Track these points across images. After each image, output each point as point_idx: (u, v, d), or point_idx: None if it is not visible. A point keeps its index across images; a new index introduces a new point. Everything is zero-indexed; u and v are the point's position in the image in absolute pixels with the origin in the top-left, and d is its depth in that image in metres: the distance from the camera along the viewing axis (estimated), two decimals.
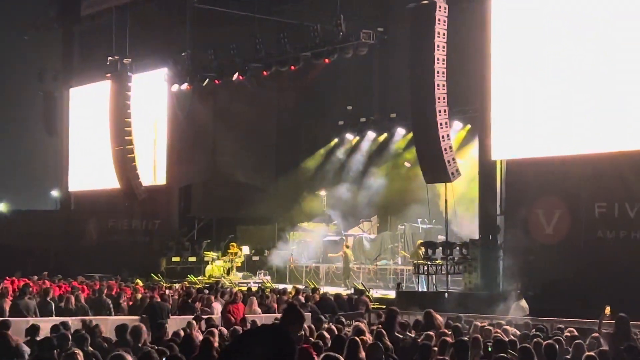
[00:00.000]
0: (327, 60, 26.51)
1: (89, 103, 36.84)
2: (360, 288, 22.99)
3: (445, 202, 22.67)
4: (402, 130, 30.06)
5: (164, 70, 32.08)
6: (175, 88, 31.89)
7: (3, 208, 41.68)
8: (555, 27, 20.90)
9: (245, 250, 30.37)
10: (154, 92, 33.36)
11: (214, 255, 30.56)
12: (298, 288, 22.00)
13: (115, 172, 33.38)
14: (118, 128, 33.03)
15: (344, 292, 22.82)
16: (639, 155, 19.46)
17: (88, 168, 36.94)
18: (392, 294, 23.17)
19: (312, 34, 26.23)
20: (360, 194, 30.26)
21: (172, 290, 22.06)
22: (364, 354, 9.10)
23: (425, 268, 22.40)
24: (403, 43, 24.51)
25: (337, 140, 33.09)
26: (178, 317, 16.57)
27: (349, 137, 32.66)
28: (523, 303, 18.56)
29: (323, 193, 30.98)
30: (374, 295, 22.96)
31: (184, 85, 31.43)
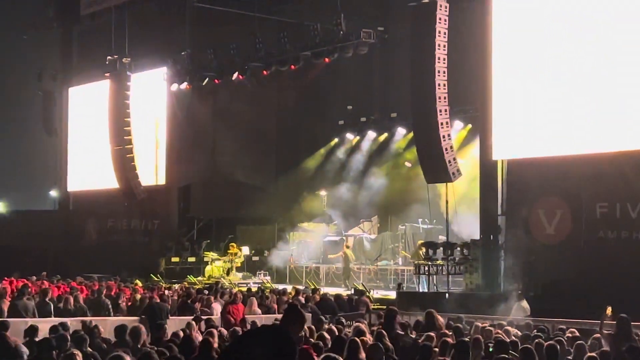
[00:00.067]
0: (327, 60, 26.49)
1: (88, 103, 36.75)
2: (361, 289, 22.91)
3: (446, 202, 22.59)
4: (402, 130, 30.00)
5: (164, 70, 32.07)
6: (175, 87, 31.83)
7: (1, 208, 41.59)
8: (556, 29, 20.86)
9: (245, 251, 30.26)
10: (154, 91, 33.28)
11: (214, 256, 30.45)
12: (298, 289, 21.92)
13: (115, 172, 33.29)
14: (117, 128, 32.93)
15: (344, 292, 22.76)
16: None
17: (87, 168, 36.86)
18: (392, 295, 23.11)
19: (312, 33, 26.20)
20: (361, 194, 30.17)
21: (171, 291, 21.98)
22: (364, 355, 9.05)
23: (426, 268, 22.35)
24: (404, 42, 24.48)
25: (337, 140, 33.02)
26: (177, 317, 16.57)
27: (350, 136, 32.59)
28: (524, 303, 18.51)
29: (323, 193, 30.89)
30: (375, 296, 22.90)
31: (184, 85, 31.37)
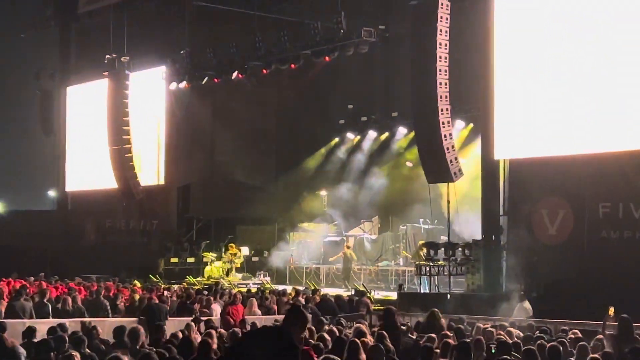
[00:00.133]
0: (327, 59, 26.36)
1: (87, 102, 36.64)
2: (361, 289, 22.78)
3: (448, 202, 22.45)
4: (403, 130, 29.90)
5: (162, 69, 31.93)
6: (174, 86, 31.68)
7: (0, 208, 41.44)
8: (557, 29, 20.79)
9: (245, 251, 30.14)
10: (152, 90, 33.12)
11: (213, 256, 30.31)
12: (298, 289, 21.80)
13: (113, 171, 33.15)
14: (116, 127, 32.79)
15: (345, 293, 22.63)
16: None
17: (85, 168, 36.73)
18: (393, 296, 23.02)
19: (312, 32, 26.07)
20: (362, 194, 30.06)
21: (170, 292, 21.83)
22: (365, 356, 9.00)
23: (427, 269, 22.23)
24: (405, 41, 24.36)
25: (337, 140, 32.92)
26: (176, 318, 16.53)
27: (350, 136, 32.48)
28: (526, 304, 18.44)
29: (324, 193, 30.78)
30: (375, 297, 22.79)
31: (183, 84, 31.21)
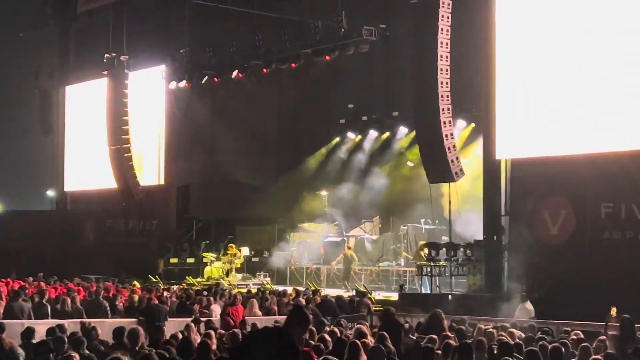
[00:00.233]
0: (328, 58, 26.32)
1: (86, 101, 36.59)
2: (362, 290, 22.69)
3: (449, 202, 22.37)
4: (404, 129, 29.83)
5: (162, 68, 31.82)
6: (173, 86, 31.59)
7: None
8: (558, 29, 20.75)
9: (245, 251, 30.05)
10: (152, 89, 33.02)
11: (213, 257, 30.22)
12: (298, 290, 21.70)
13: (112, 171, 33.04)
14: (115, 126, 32.70)
15: (346, 294, 22.55)
16: None
17: (84, 167, 36.66)
18: (394, 296, 22.95)
19: (312, 31, 26.01)
20: (362, 194, 29.95)
21: (170, 292, 21.75)
22: (365, 357, 8.97)
23: (429, 269, 22.14)
24: (406, 40, 24.30)
25: (338, 139, 32.86)
26: (176, 319, 16.48)
27: (351, 135, 32.41)
28: (528, 305, 18.37)
29: (324, 193, 30.69)
30: (376, 298, 22.70)
31: (182, 83, 31.13)
